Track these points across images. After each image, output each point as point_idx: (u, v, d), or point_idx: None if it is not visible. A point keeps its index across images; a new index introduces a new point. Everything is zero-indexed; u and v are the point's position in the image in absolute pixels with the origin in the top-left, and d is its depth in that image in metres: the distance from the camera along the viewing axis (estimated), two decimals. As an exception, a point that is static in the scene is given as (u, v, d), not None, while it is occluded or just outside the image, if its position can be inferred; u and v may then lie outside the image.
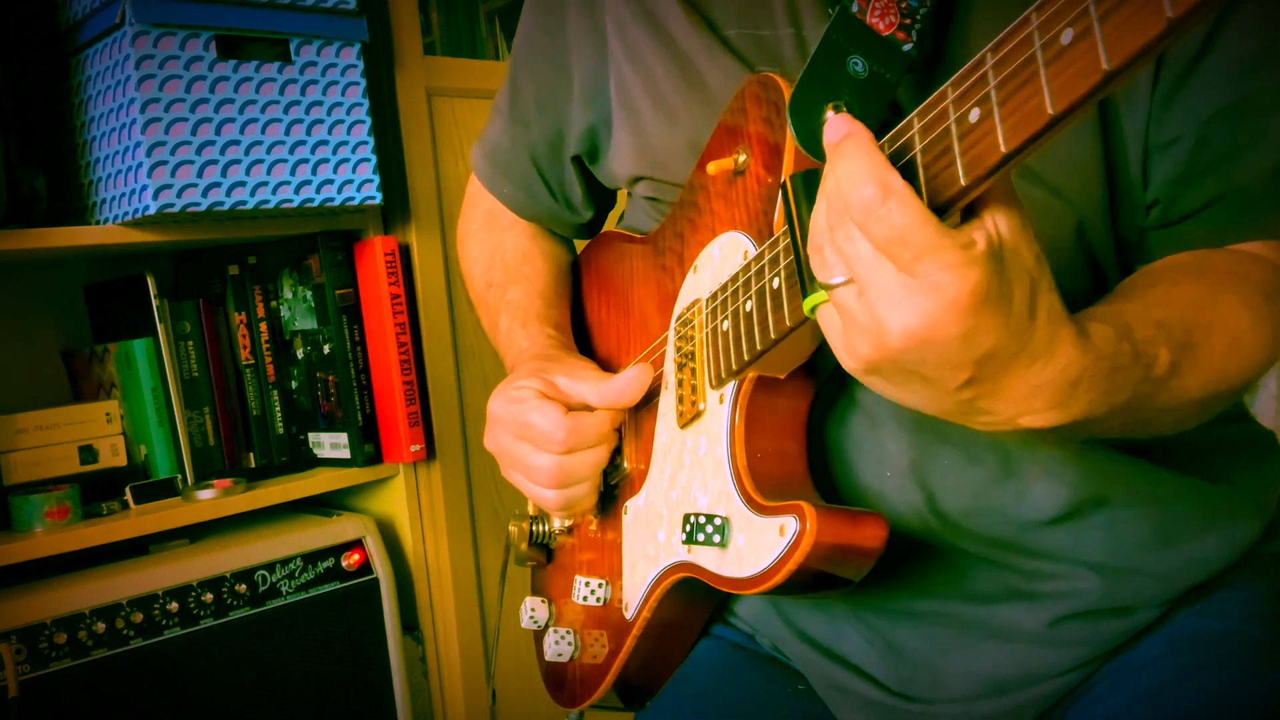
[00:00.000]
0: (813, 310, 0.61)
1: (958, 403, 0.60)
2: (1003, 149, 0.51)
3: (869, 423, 0.79)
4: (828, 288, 0.58)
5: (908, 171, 0.56)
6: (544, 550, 1.03)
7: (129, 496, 1.47)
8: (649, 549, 0.85)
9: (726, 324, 0.76)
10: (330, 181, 1.48)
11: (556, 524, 1.01)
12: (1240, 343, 0.71)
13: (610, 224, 1.10)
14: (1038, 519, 0.78)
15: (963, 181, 0.53)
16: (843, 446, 0.80)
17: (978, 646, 0.81)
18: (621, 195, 1.10)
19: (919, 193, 0.55)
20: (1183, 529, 0.81)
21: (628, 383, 0.86)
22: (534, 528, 1.01)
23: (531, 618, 1.01)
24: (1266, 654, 0.77)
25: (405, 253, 1.67)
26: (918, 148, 0.56)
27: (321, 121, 1.47)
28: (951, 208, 0.55)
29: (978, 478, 0.78)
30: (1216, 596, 0.82)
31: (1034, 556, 0.79)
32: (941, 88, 0.55)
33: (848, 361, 0.60)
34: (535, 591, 1.06)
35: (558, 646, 0.96)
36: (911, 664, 0.83)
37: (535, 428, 0.86)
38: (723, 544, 0.73)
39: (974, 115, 0.52)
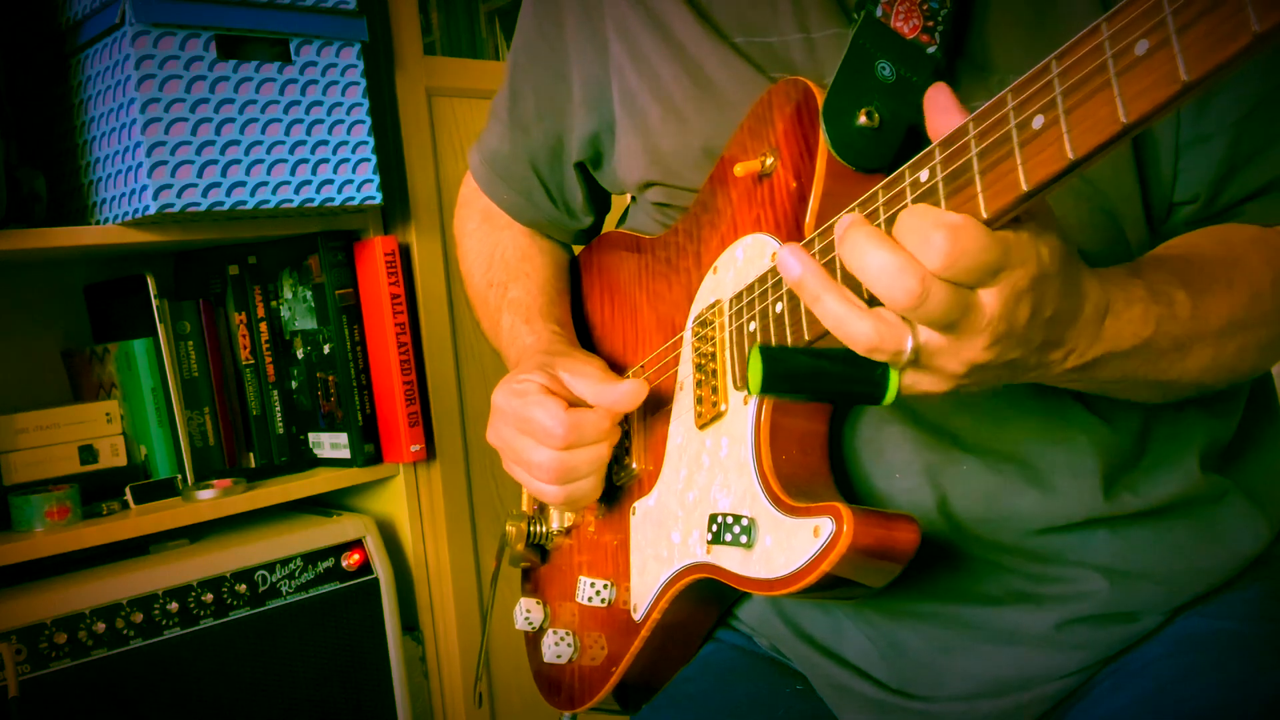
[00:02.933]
0: (897, 392, 0.64)
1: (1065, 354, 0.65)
2: (1070, 156, 0.51)
3: (879, 424, 0.79)
4: (903, 362, 0.62)
5: (962, 173, 0.57)
6: (540, 551, 1.03)
7: (129, 496, 1.46)
8: (661, 550, 0.85)
9: (754, 325, 0.76)
10: (330, 181, 1.48)
11: (555, 524, 1.00)
12: (1262, 297, 0.73)
13: (608, 228, 1.10)
14: (1047, 526, 0.78)
15: (1024, 187, 0.54)
16: (853, 447, 0.80)
17: (981, 648, 0.81)
18: (618, 199, 1.10)
19: (977, 201, 0.57)
20: (1189, 537, 0.81)
21: (624, 393, 0.86)
22: (531, 528, 1.01)
23: (527, 619, 1.00)
24: (1267, 654, 0.77)
25: (405, 253, 1.67)
26: (974, 152, 0.57)
27: (321, 121, 1.47)
28: (1004, 217, 0.56)
29: (995, 485, 0.78)
30: (1218, 597, 0.82)
31: (1041, 561, 0.79)
32: (1000, 94, 0.55)
33: (953, 372, 0.63)
34: (527, 593, 1.05)
35: (557, 648, 0.95)
36: (913, 664, 0.83)
37: (536, 422, 0.86)
38: (749, 544, 0.73)
39: (1037, 122, 0.53)
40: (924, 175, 0.60)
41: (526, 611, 1.00)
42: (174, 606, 1.41)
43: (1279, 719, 0.72)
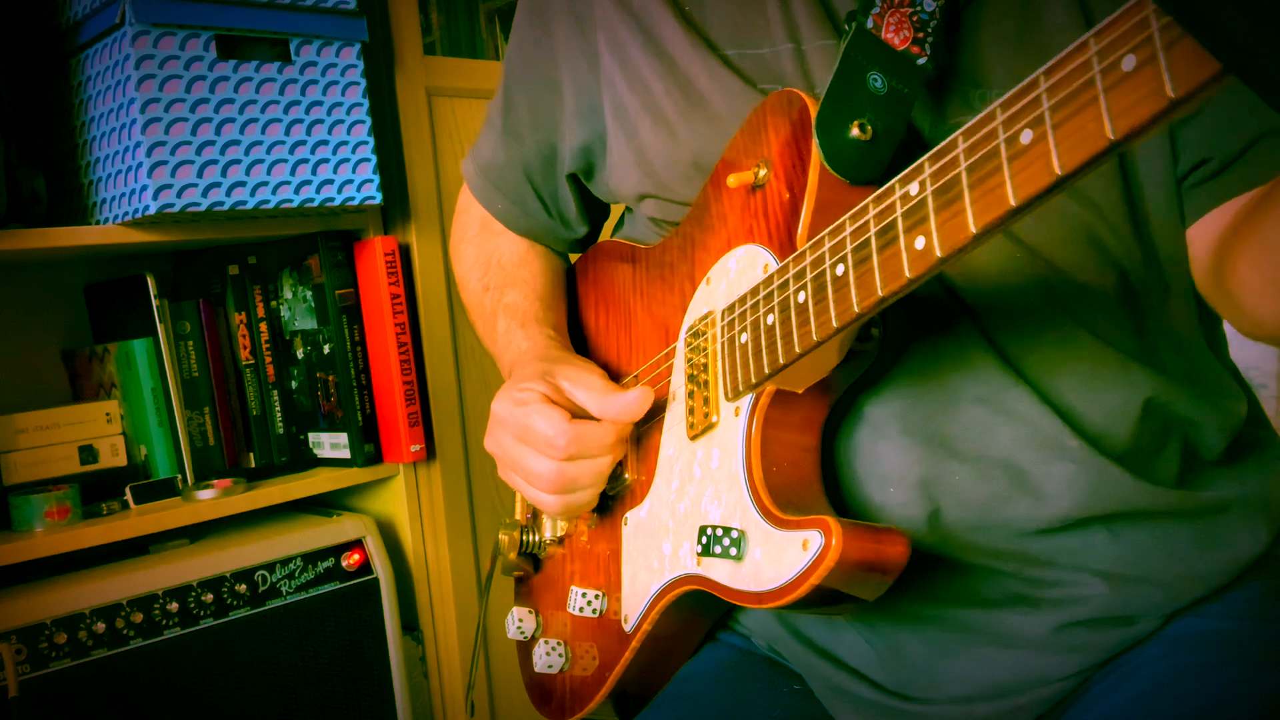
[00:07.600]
0: None
1: None
2: (1057, 171, 0.51)
3: (874, 437, 0.79)
4: None
5: (950, 187, 0.56)
6: (532, 560, 1.03)
7: (129, 496, 1.47)
8: (652, 561, 0.85)
9: (745, 336, 0.75)
10: (330, 181, 1.48)
11: (547, 534, 1.00)
12: None
13: (605, 237, 1.09)
14: (1040, 529, 0.78)
15: (1012, 202, 0.54)
16: (846, 459, 0.80)
17: (979, 651, 0.81)
18: (616, 208, 1.10)
19: (966, 216, 0.55)
20: (1189, 541, 0.81)
21: (629, 402, 0.85)
22: (524, 537, 1.00)
23: (519, 628, 1.00)
24: (1264, 654, 0.77)
25: (405, 253, 1.67)
26: (963, 166, 0.56)
27: (321, 121, 1.47)
28: (993, 232, 0.55)
29: (986, 493, 0.78)
30: (1216, 598, 0.82)
31: (1038, 565, 0.79)
32: (989, 108, 0.55)
33: None
34: (520, 602, 1.05)
35: (548, 658, 0.95)
36: (911, 666, 0.83)
37: (537, 432, 0.85)
38: (739, 557, 0.73)
39: (1025, 137, 0.52)
40: (913, 189, 0.59)
41: (519, 620, 1.00)
42: (174, 606, 1.41)
43: (1276, 719, 0.72)
